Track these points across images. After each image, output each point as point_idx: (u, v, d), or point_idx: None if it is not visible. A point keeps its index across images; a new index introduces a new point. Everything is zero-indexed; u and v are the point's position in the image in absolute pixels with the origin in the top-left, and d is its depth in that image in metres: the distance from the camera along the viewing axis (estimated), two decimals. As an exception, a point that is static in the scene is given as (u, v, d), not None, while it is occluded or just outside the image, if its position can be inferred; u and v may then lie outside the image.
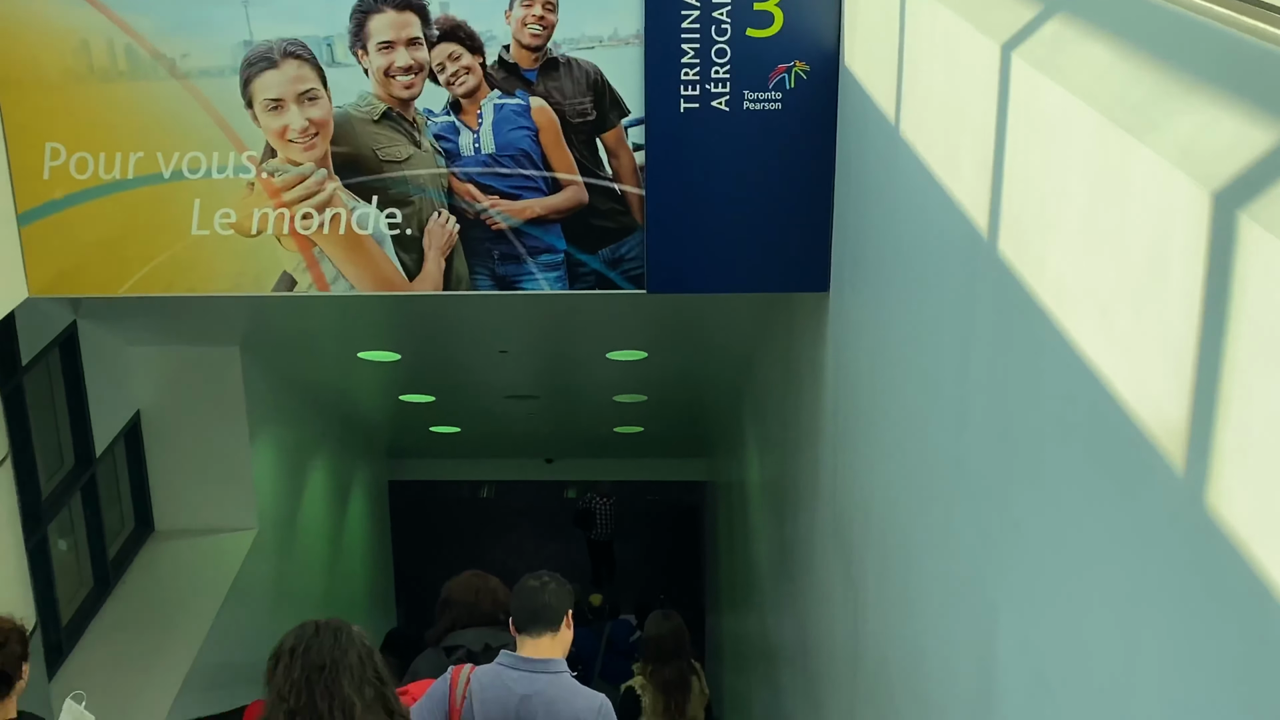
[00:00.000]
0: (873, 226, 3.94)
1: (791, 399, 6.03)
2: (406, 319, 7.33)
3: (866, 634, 3.98)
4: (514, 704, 3.36)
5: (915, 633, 3.27)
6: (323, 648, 2.65)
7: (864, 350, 4.09)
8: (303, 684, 2.60)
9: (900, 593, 3.50)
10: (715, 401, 10.13)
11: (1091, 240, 1.87)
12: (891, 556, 3.60)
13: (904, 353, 3.47)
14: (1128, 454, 1.71)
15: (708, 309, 6.89)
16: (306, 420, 9.96)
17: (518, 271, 4.76)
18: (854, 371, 4.27)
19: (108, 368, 7.50)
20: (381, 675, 2.74)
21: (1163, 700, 1.62)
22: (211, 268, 4.73)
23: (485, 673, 3.44)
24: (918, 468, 3.27)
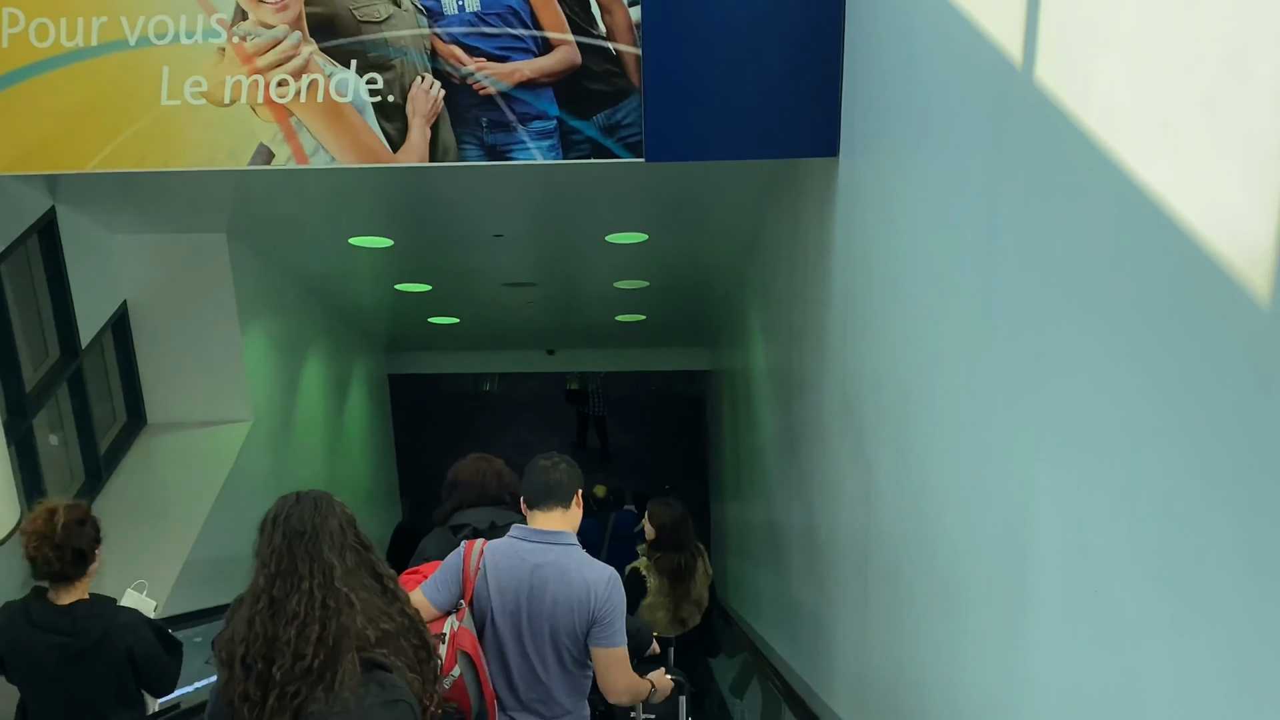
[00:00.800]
0: (887, 79, 3.67)
1: (799, 277, 5.80)
2: (396, 201, 7.05)
3: (880, 513, 3.80)
4: (527, 573, 3.42)
5: (934, 508, 3.09)
6: (303, 515, 2.70)
7: (877, 216, 3.84)
8: (284, 549, 2.66)
9: (917, 468, 3.30)
10: (718, 286, 9.89)
11: (1152, 44, 1.62)
12: (908, 430, 3.40)
13: (922, 214, 3.23)
14: (1197, 286, 1.48)
15: (709, 185, 6.61)
16: (300, 312, 9.75)
17: (508, 140, 4.49)
18: (866, 239, 4.03)
19: (92, 257, 7.26)
20: (364, 542, 2.79)
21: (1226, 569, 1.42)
22: (184, 140, 4.46)
23: (499, 545, 3.49)
24: (938, 336, 3.06)
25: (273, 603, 2.62)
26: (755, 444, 8.68)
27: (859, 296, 4.15)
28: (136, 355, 7.92)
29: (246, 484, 7.96)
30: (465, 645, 3.36)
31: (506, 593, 3.44)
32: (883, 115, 3.73)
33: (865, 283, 4.03)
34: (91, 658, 3.72)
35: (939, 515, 3.00)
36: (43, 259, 6.74)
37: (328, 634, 2.59)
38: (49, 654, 3.68)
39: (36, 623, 3.68)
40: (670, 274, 9.45)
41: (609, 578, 3.45)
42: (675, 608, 5.61)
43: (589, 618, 3.42)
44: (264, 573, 2.65)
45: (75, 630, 3.69)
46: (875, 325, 3.87)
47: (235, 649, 2.61)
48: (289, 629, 2.59)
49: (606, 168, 5.80)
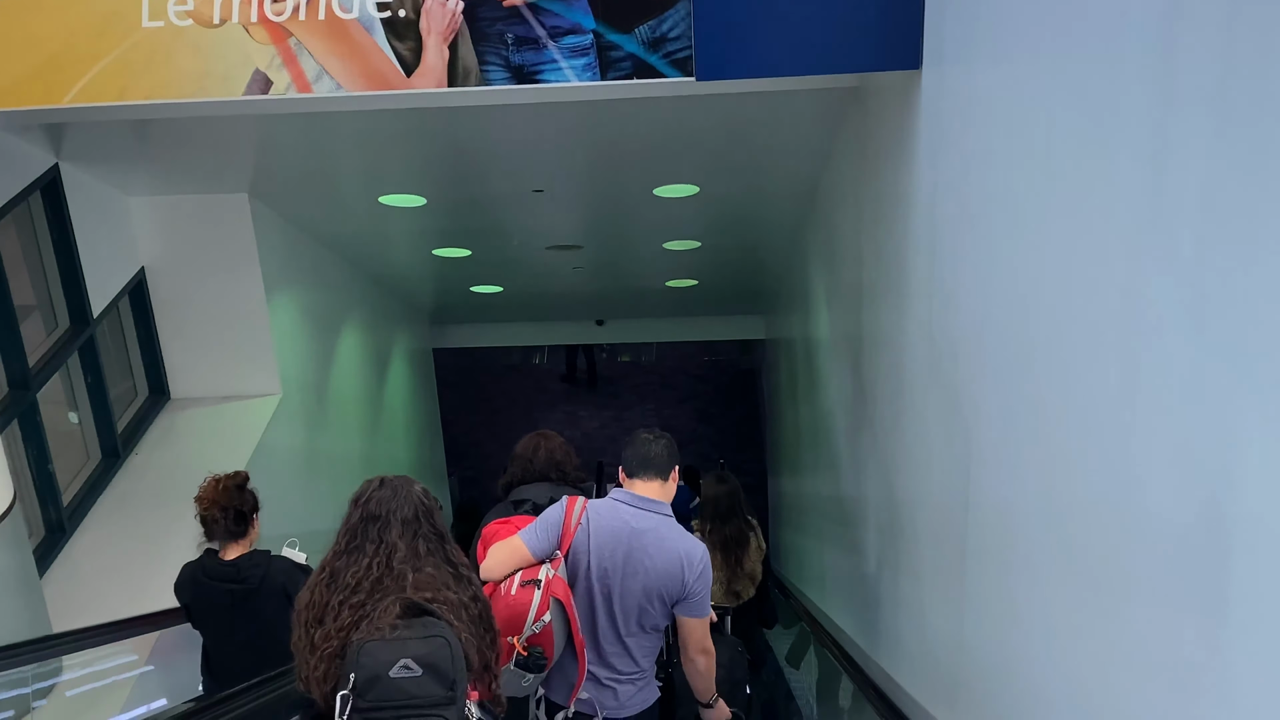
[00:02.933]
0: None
1: (869, 225, 5.18)
2: (426, 153, 6.48)
3: (984, 484, 3.19)
4: (627, 534, 3.58)
5: (1076, 480, 2.47)
6: (382, 499, 2.90)
7: (979, 137, 3.21)
8: (357, 528, 2.88)
9: (1044, 433, 2.69)
10: (774, 246, 9.26)
11: None
12: (1030, 389, 2.78)
13: (1051, 133, 2.61)
14: None
15: (764, 125, 5.99)
16: (335, 280, 9.24)
17: (537, 60, 3.91)
18: (963, 167, 3.41)
19: (103, 220, 6.79)
20: (440, 530, 2.94)
21: None
22: (169, 68, 3.92)
23: (602, 504, 3.67)
24: (1079, 277, 2.44)
25: (333, 575, 2.83)
26: (817, 414, 8.07)
27: (950, 237, 3.53)
28: (156, 326, 7.44)
29: (274, 461, 7.47)
30: (558, 593, 3.48)
31: (604, 550, 3.59)
32: (985, 13, 3.11)
33: (961, 220, 3.41)
34: (255, 599, 4.37)
35: (1083, 489, 2.39)
36: (47, 221, 6.26)
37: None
38: (222, 599, 4.42)
39: (211, 575, 4.45)
40: (723, 233, 8.84)
41: (702, 553, 3.61)
42: (729, 580, 5.77)
43: (681, 589, 3.58)
44: (335, 548, 2.89)
45: (241, 578, 4.40)
46: (975, 269, 3.25)
47: (299, 613, 2.85)
48: (338, 594, 2.80)
49: (652, 98, 5.23)
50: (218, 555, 4.48)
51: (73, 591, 5.84)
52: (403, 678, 2.61)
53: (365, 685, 2.61)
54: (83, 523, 6.35)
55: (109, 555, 6.11)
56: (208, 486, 4.51)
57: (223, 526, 4.44)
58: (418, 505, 2.89)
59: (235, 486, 4.47)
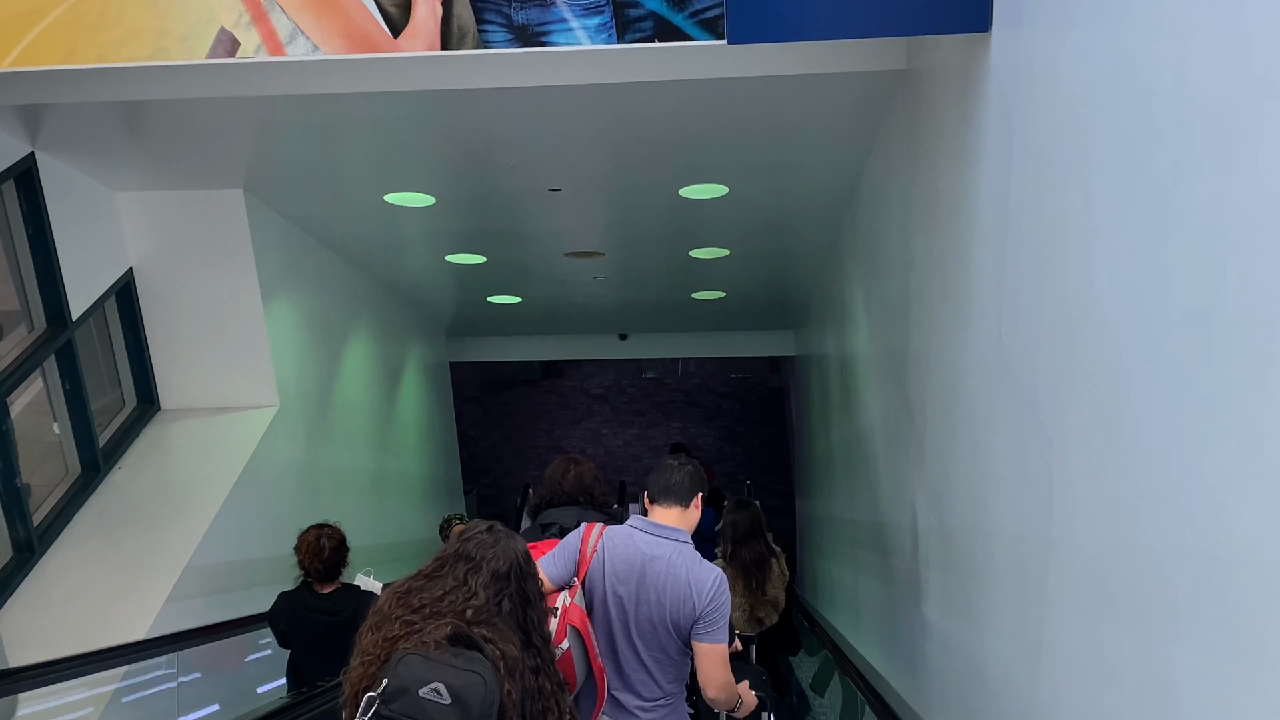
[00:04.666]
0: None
1: (919, 222, 4.63)
2: (430, 138, 5.95)
3: (1073, 516, 2.63)
4: (640, 560, 3.59)
5: (1188, 501, 1.92)
6: (481, 543, 2.88)
7: (1069, 116, 2.66)
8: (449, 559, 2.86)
9: (1148, 448, 2.14)
10: (808, 254, 8.72)
11: None
12: (1137, 405, 2.23)
13: (1169, 101, 2.07)
14: None
15: (801, 116, 5.45)
16: (340, 286, 8.74)
17: (544, 19, 3.38)
18: (1044, 146, 2.86)
19: (87, 216, 6.32)
20: (528, 596, 2.90)
21: None
22: (123, 25, 3.42)
23: (617, 531, 3.68)
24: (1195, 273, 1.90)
25: (408, 592, 2.83)
26: (853, 434, 7.51)
27: (1031, 236, 2.98)
28: (145, 331, 6.95)
29: (269, 475, 6.97)
30: (575, 620, 3.49)
31: (618, 577, 3.60)
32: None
33: (1044, 216, 2.86)
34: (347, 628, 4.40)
35: (1219, 530, 1.84)
36: (22, 215, 5.78)
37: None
38: (319, 628, 5.01)
39: (310, 608, 5.04)
40: (753, 239, 8.29)
41: (716, 578, 3.57)
42: (751, 607, 5.73)
43: (693, 614, 3.55)
44: (421, 570, 2.89)
45: (335, 610, 5.01)
46: (1062, 271, 2.70)
47: (367, 617, 2.83)
48: (402, 610, 2.78)
49: (677, 81, 4.71)
50: (313, 589, 5.06)
51: (38, 618, 5.34)
52: (429, 700, 2.58)
53: (393, 694, 2.59)
54: (55, 543, 5.85)
55: (81, 579, 5.61)
56: (310, 540, 5.05)
57: (319, 574, 5.04)
58: (514, 563, 2.88)
59: (333, 547, 5.05)
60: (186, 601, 5.64)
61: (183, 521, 6.08)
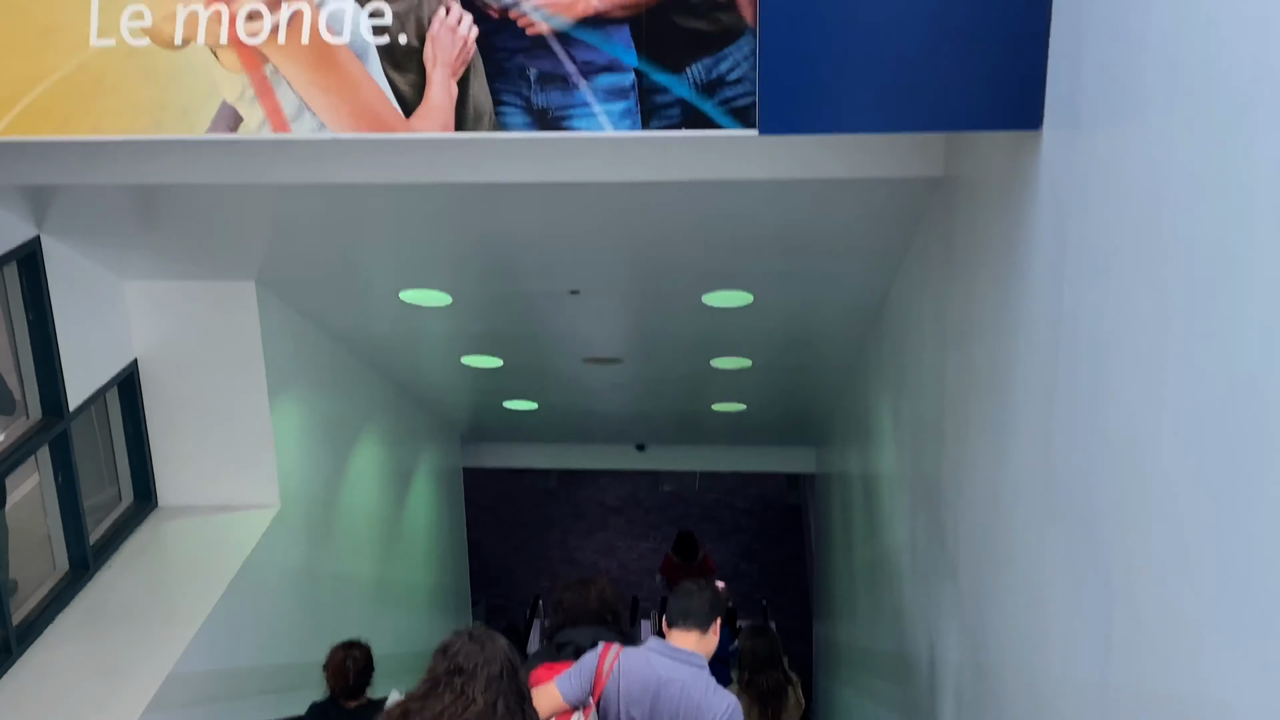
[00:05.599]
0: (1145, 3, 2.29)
1: (956, 342, 4.39)
2: (449, 236, 5.77)
3: (1130, 655, 2.32)
4: (655, 683, 3.63)
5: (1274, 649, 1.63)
6: (470, 652, 2.90)
7: (1138, 221, 2.42)
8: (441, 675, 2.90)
9: (1219, 589, 1.85)
10: (833, 366, 8.47)
11: None
12: (1206, 529, 1.94)
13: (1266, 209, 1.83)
14: None
15: (831, 223, 5.24)
16: (353, 385, 8.52)
17: (566, 102, 3.18)
18: (1100, 269, 2.62)
19: (92, 303, 6.15)
20: (522, 692, 2.97)
21: None
22: (120, 96, 3.23)
23: (633, 653, 3.74)
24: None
25: (405, 714, 2.87)
26: (876, 558, 7.18)
27: (1084, 348, 2.72)
28: (146, 424, 6.72)
29: (265, 580, 6.67)
30: None
31: (633, 699, 3.63)
32: (1161, 50, 2.35)
33: (1103, 324, 2.60)
34: None
35: None
36: (23, 300, 5.59)
37: None
38: None
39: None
40: (777, 350, 8.07)
41: (729, 706, 3.61)
42: None
43: None
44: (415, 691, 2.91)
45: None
46: (1128, 386, 2.43)
47: None
48: None
49: (704, 181, 4.52)
50: (340, 704, 5.17)
51: (9, 725, 5.02)
52: None
53: None
54: (34, 644, 5.55)
55: (58, 684, 5.29)
56: (336, 661, 5.17)
57: (345, 691, 5.15)
58: (504, 662, 2.91)
59: (358, 670, 5.16)
60: (167, 712, 5.31)
61: (170, 626, 5.77)
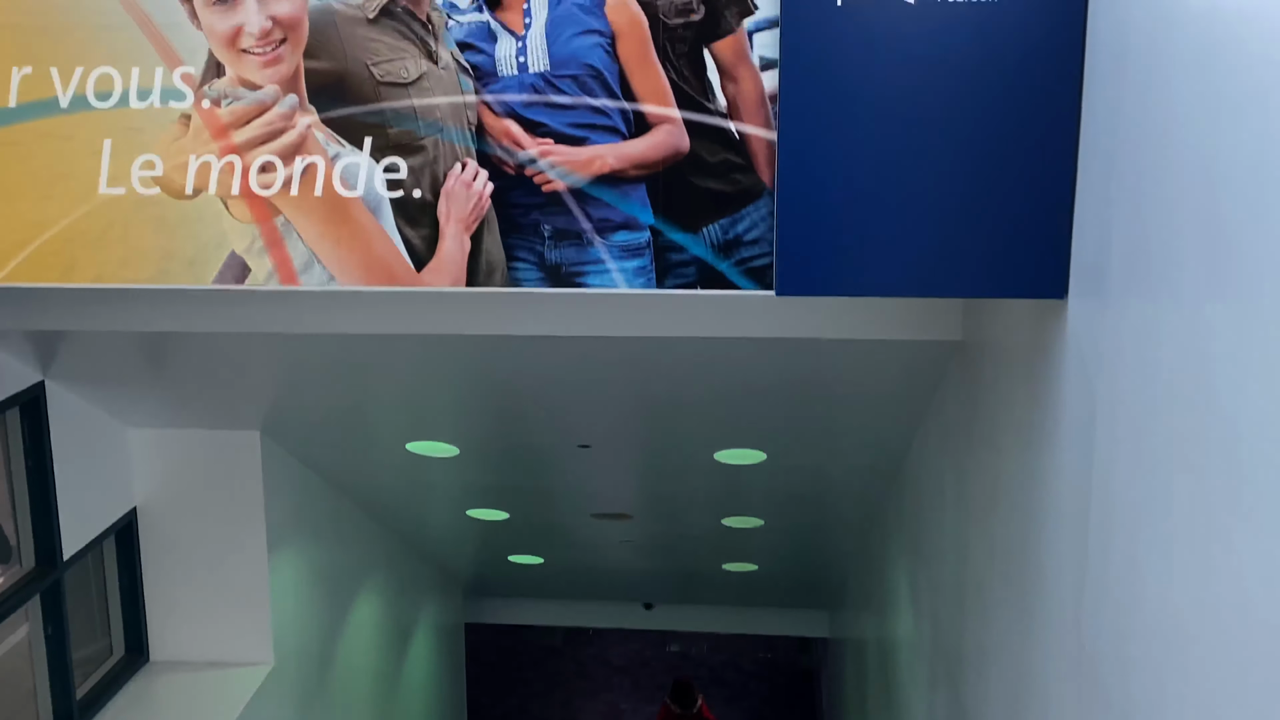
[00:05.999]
0: (1175, 171, 2.23)
1: (980, 509, 4.25)
2: (459, 387, 5.71)
3: None
4: None
5: None
6: None
7: (1176, 390, 2.32)
8: None
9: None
10: (848, 528, 8.29)
11: None
12: None
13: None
14: None
15: (848, 383, 5.15)
16: (353, 536, 8.35)
17: (580, 259, 3.13)
18: (1134, 442, 2.51)
19: (94, 451, 6.05)
20: None
21: None
22: (127, 245, 3.19)
23: None
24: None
25: None
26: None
27: (1118, 523, 2.60)
28: (142, 575, 6.55)
29: (255, 743, 6.41)
30: None
31: None
32: (1173, 230, 2.28)
33: (1137, 499, 2.48)
34: None
35: None
36: (23, 446, 5.49)
37: None
38: None
39: None
40: (789, 510, 7.91)
41: None
42: None
43: None
44: None
45: None
46: (1168, 566, 2.30)
47: None
48: None
49: (717, 338, 4.45)
50: None
51: None
52: None
53: None
54: (10, 805, 5.31)
55: None
56: None
57: None
58: None
59: None
60: None
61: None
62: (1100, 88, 2.75)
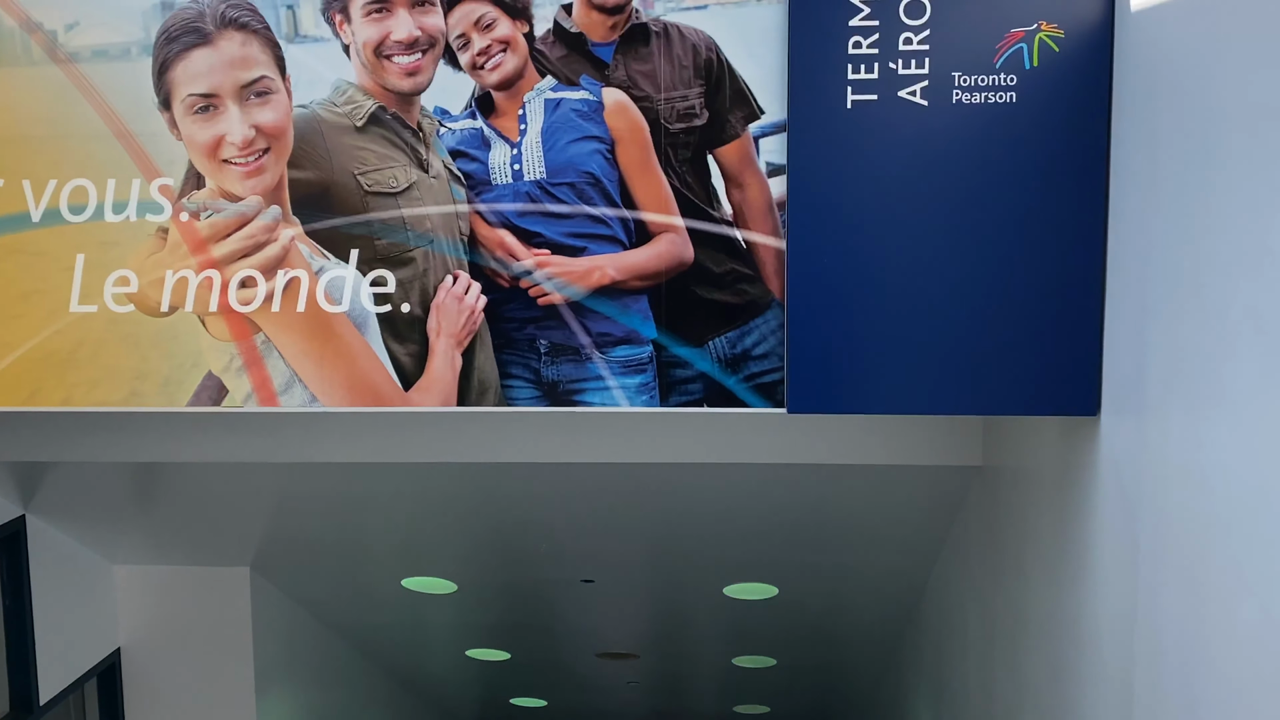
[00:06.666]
0: (1222, 270, 2.06)
1: (1004, 644, 3.99)
2: (457, 520, 5.47)
3: None
4: None
5: None
6: None
7: (1227, 511, 2.12)
8: None
9: None
10: (865, 667, 7.94)
11: None
12: None
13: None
14: None
15: (863, 511, 4.92)
16: (345, 676, 8.00)
17: (578, 376, 2.94)
18: (1197, 554, 2.29)
19: (77, 590, 5.81)
20: None
21: None
22: (98, 365, 3.01)
23: None
24: None
25: None
26: None
27: (1170, 662, 2.36)
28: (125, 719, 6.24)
29: None
30: None
31: None
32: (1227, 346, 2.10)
33: (1190, 633, 2.25)
34: None
35: None
36: (2, 582, 5.25)
37: None
38: None
39: None
40: (803, 648, 7.58)
41: None
42: None
43: None
44: None
45: None
46: (1222, 689, 2.06)
47: None
48: None
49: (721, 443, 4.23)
50: None
51: None
52: None
53: None
54: None
55: None
56: None
57: None
58: None
59: None
60: None
61: None
62: (1129, 186, 2.59)
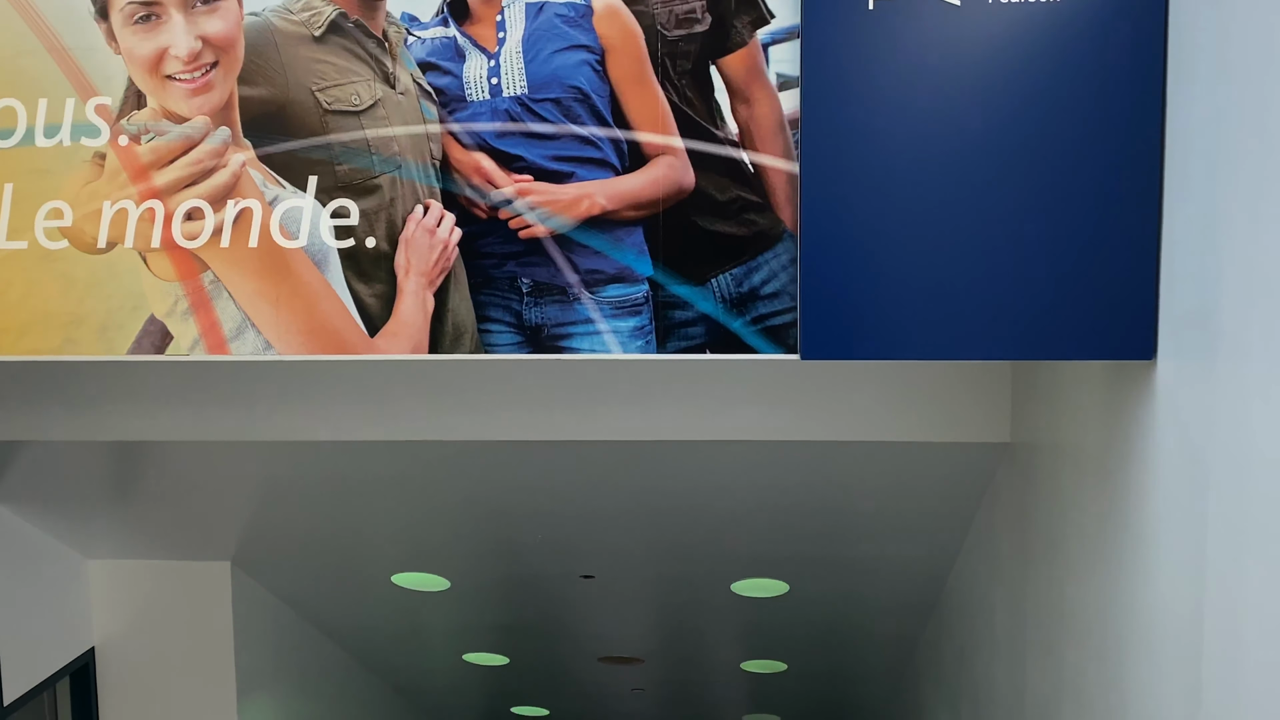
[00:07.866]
0: None
1: (1039, 635, 3.67)
2: (440, 501, 5.15)
3: None
4: None
5: None
6: None
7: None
8: None
9: None
10: (882, 670, 7.63)
11: None
12: None
13: None
14: None
15: (881, 493, 4.59)
16: (332, 680, 7.68)
17: (565, 318, 2.61)
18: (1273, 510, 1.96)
19: (47, 585, 5.50)
20: None
21: None
22: (27, 311, 2.69)
23: None
24: None
25: None
26: None
27: (1254, 659, 2.02)
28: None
29: None
30: None
31: None
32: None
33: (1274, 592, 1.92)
34: None
35: None
36: (-38, 575, 4.95)
37: None
38: None
39: None
40: (816, 651, 7.27)
41: None
42: None
43: None
44: None
45: None
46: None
47: None
48: None
49: (734, 441, 3.91)
50: None
51: None
52: None
53: None
54: None
55: None
56: None
57: None
58: None
59: None
60: None
61: None
62: (1192, 78, 2.25)
